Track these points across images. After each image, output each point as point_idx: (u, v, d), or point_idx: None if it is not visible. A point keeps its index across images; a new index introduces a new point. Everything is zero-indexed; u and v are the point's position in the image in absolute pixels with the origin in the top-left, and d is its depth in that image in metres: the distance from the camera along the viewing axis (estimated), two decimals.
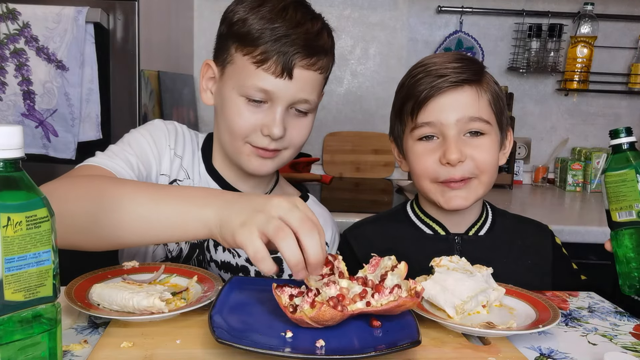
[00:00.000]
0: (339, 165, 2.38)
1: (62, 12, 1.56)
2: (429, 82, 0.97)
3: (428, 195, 1.03)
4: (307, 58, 0.92)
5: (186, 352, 0.67)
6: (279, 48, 0.89)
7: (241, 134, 0.95)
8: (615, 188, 0.84)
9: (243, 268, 1.02)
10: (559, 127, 2.45)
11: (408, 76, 1.03)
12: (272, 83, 0.91)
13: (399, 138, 1.07)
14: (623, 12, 2.35)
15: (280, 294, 0.72)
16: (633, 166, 0.84)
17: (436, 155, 0.98)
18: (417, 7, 2.35)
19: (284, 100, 0.93)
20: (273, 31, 0.90)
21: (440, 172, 0.98)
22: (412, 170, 1.04)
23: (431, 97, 0.96)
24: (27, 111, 1.61)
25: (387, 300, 0.70)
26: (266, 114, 0.93)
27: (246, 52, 0.92)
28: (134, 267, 0.88)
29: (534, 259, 1.07)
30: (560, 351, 0.73)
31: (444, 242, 1.06)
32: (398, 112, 1.05)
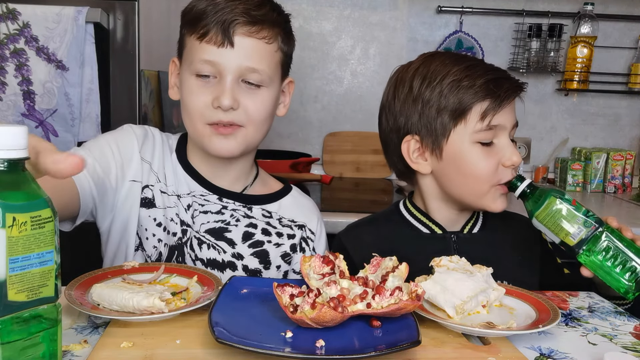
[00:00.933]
0: (339, 165, 2.37)
1: (62, 12, 1.56)
2: (496, 84, 0.98)
3: (480, 199, 1.01)
4: (248, 25, 0.94)
5: (186, 352, 0.67)
6: (218, 18, 0.93)
7: (197, 112, 0.97)
8: (552, 220, 0.89)
9: (230, 263, 1.02)
10: (559, 127, 2.45)
11: (448, 75, 0.99)
12: (215, 53, 0.94)
13: (438, 136, 1.00)
14: (623, 12, 2.35)
15: (281, 294, 0.72)
16: (548, 195, 0.90)
17: (496, 159, 0.98)
18: (417, 7, 2.35)
19: (230, 70, 0.95)
20: (214, 7, 0.94)
21: (502, 174, 0.99)
22: (467, 173, 1.00)
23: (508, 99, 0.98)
24: (27, 111, 1.61)
25: (387, 302, 0.70)
26: (215, 87, 0.95)
27: (192, 31, 0.96)
28: (134, 267, 0.88)
29: (523, 254, 1.09)
30: (560, 351, 0.72)
31: (440, 241, 1.06)
32: (448, 110, 0.98)
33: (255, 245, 1.03)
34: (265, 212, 1.08)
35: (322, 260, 0.80)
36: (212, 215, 1.03)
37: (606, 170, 2.28)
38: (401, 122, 1.04)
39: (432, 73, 1.00)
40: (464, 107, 0.97)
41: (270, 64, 0.98)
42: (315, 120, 2.40)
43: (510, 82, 0.98)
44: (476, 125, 0.97)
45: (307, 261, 0.80)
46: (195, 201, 1.03)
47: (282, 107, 1.09)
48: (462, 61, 1.00)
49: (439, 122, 1.00)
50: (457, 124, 0.98)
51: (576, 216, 0.88)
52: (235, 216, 1.04)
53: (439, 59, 1.02)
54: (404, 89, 1.03)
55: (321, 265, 0.80)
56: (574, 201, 0.90)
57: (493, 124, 0.97)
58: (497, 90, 0.96)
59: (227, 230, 1.03)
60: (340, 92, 2.39)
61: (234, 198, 1.06)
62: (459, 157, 0.99)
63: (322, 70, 2.38)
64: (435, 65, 1.01)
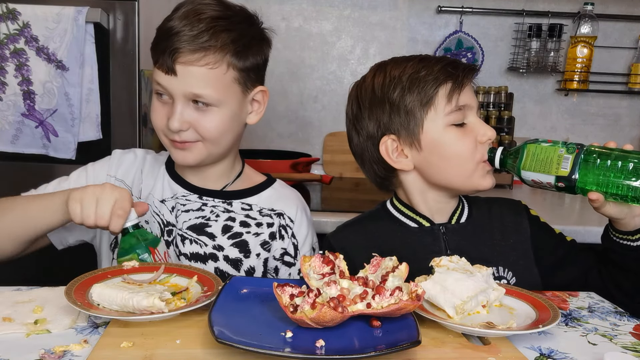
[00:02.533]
0: (339, 165, 2.37)
1: (62, 12, 1.56)
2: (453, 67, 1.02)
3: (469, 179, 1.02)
4: (189, 54, 0.97)
5: (186, 352, 0.67)
6: (164, 47, 0.98)
7: (158, 129, 1.05)
8: (537, 162, 0.90)
9: (211, 255, 1.07)
10: (559, 127, 2.45)
11: (406, 70, 1.04)
12: (164, 79, 1.00)
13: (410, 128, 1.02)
14: (623, 12, 2.35)
15: (281, 294, 0.72)
16: (524, 145, 0.93)
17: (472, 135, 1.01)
18: (417, 7, 2.35)
19: (177, 95, 1.00)
20: (167, 32, 0.98)
21: (482, 150, 1.01)
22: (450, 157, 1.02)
23: (468, 78, 1.03)
24: (27, 111, 1.61)
25: (387, 302, 0.70)
26: (169, 108, 1.01)
27: (152, 53, 1.02)
28: (134, 267, 0.88)
29: (514, 237, 1.09)
30: (560, 351, 0.73)
31: (429, 234, 1.06)
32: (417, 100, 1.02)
33: (235, 237, 1.08)
34: (245, 205, 1.12)
35: (322, 260, 0.80)
36: (193, 213, 1.09)
37: None
38: (373, 128, 1.06)
39: (389, 74, 1.03)
40: (429, 94, 1.01)
41: (217, 87, 1.00)
42: (315, 120, 2.40)
43: (463, 64, 1.03)
44: (445, 108, 1.00)
45: (307, 261, 0.80)
46: (177, 202, 1.10)
47: (254, 115, 1.10)
48: (412, 58, 1.05)
49: (410, 115, 1.02)
50: (428, 112, 1.01)
51: (557, 147, 0.89)
52: (215, 212, 1.10)
53: (390, 63, 1.06)
54: (366, 97, 1.06)
55: (321, 265, 0.80)
56: (549, 140, 0.92)
57: (460, 104, 1.00)
58: (455, 71, 1.01)
59: (208, 225, 1.08)
60: (340, 92, 2.39)
61: (213, 195, 1.12)
62: (438, 143, 1.02)
63: (322, 70, 2.38)
64: (389, 68, 1.05)
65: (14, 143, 1.64)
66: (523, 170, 0.92)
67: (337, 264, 0.80)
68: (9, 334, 0.71)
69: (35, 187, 1.18)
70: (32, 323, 0.74)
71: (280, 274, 1.12)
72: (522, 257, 1.07)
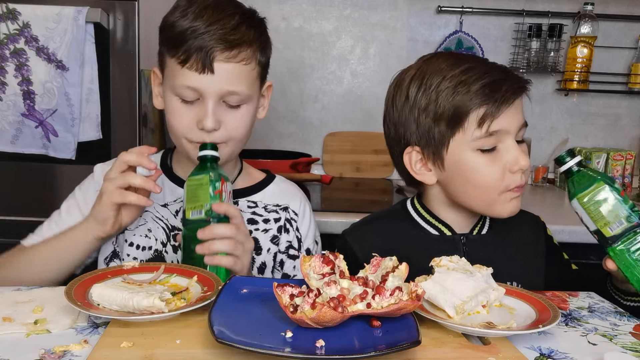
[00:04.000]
0: (339, 165, 2.37)
1: (62, 12, 1.56)
2: (494, 87, 0.94)
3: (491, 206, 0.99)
4: (226, 51, 0.97)
5: (186, 352, 0.67)
6: (197, 45, 0.96)
7: (180, 132, 1.02)
8: (594, 207, 0.83)
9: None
10: (559, 127, 2.45)
11: (445, 81, 0.96)
12: (196, 80, 0.97)
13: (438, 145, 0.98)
14: (623, 12, 2.35)
15: (281, 294, 0.72)
16: (597, 179, 0.83)
17: (501, 164, 0.95)
18: (417, 7, 2.35)
19: (211, 94, 0.98)
20: (193, 32, 0.96)
21: (511, 179, 0.95)
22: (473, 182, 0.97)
23: (507, 103, 0.94)
24: (27, 111, 1.61)
25: (387, 302, 0.70)
26: (199, 110, 0.99)
27: (173, 54, 0.99)
28: (134, 267, 0.88)
29: (529, 253, 1.08)
30: (560, 351, 0.73)
31: (449, 243, 1.04)
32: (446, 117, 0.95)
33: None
34: (250, 202, 1.13)
35: (322, 260, 0.80)
36: None
37: (606, 170, 2.28)
38: (401, 133, 1.02)
39: (427, 79, 0.97)
40: (460, 114, 0.94)
41: (248, 83, 1.02)
42: (315, 120, 2.40)
43: (510, 83, 0.94)
44: (474, 132, 0.94)
45: (307, 261, 0.80)
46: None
47: (262, 111, 1.12)
48: (459, 64, 0.96)
49: (436, 131, 0.97)
50: (455, 133, 0.95)
51: (621, 208, 0.82)
52: None
53: (435, 62, 0.99)
54: (400, 97, 1.01)
55: (321, 265, 0.80)
56: (623, 192, 0.84)
57: (493, 130, 0.93)
58: (494, 94, 0.92)
59: None
60: (340, 92, 2.39)
61: None
62: (461, 167, 0.96)
63: (322, 70, 2.38)
64: (430, 70, 0.98)
65: (14, 143, 1.64)
66: (578, 200, 0.85)
67: (337, 264, 0.80)
68: (9, 334, 0.71)
69: (34, 189, 1.18)
70: (32, 323, 0.74)
71: (285, 267, 1.12)
72: (533, 272, 1.06)
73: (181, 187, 1.10)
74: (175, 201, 1.10)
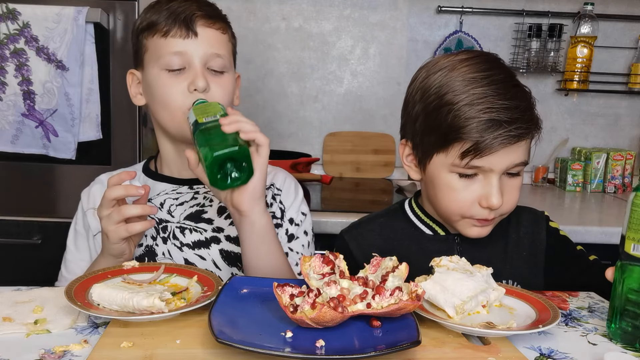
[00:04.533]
0: (339, 165, 2.37)
1: (62, 12, 1.56)
2: (488, 127, 0.89)
3: (451, 223, 1.00)
4: (205, 18, 1.05)
5: (186, 352, 0.67)
6: (179, 15, 1.03)
7: (174, 102, 1.03)
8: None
9: (213, 238, 1.08)
10: (559, 127, 2.45)
11: (452, 95, 0.92)
12: (181, 44, 1.03)
13: (425, 153, 0.98)
14: (623, 12, 2.35)
15: (281, 294, 0.72)
16: None
17: (475, 194, 0.93)
18: (417, 7, 2.35)
19: (197, 57, 1.03)
20: (169, 9, 1.04)
21: (476, 211, 0.94)
22: (440, 199, 0.98)
23: (493, 150, 0.90)
24: (27, 111, 1.61)
25: (387, 302, 0.70)
26: (187, 75, 1.03)
27: (154, 32, 1.04)
28: (134, 267, 0.88)
29: (528, 249, 1.06)
30: (560, 351, 0.73)
31: (443, 243, 1.05)
32: (437, 133, 0.94)
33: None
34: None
35: (322, 260, 0.80)
36: (187, 204, 1.10)
37: (606, 170, 2.28)
38: (402, 122, 1.04)
39: (445, 86, 0.94)
40: (448, 138, 0.92)
41: (227, 51, 1.09)
42: (315, 120, 2.40)
43: (510, 129, 0.89)
44: (455, 160, 0.92)
45: (307, 261, 0.80)
46: (168, 197, 1.11)
47: (235, 99, 1.15)
48: (480, 84, 0.91)
49: (426, 140, 0.97)
50: (440, 151, 0.94)
51: None
52: (208, 197, 1.11)
53: (462, 69, 0.94)
54: (418, 90, 0.99)
55: (321, 265, 0.80)
56: None
57: (474, 165, 0.91)
58: (484, 135, 0.89)
59: (204, 212, 1.09)
60: (340, 92, 2.39)
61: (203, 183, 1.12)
62: (437, 180, 0.97)
63: (322, 70, 2.38)
64: (453, 77, 0.94)
65: (14, 143, 1.64)
66: (636, 194, 0.73)
67: (337, 264, 0.80)
68: (9, 334, 0.71)
69: (34, 189, 1.18)
70: (32, 323, 0.74)
71: None
72: (532, 270, 1.05)
73: (166, 181, 1.12)
74: (159, 194, 1.11)
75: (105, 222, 0.94)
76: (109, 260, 0.97)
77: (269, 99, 2.36)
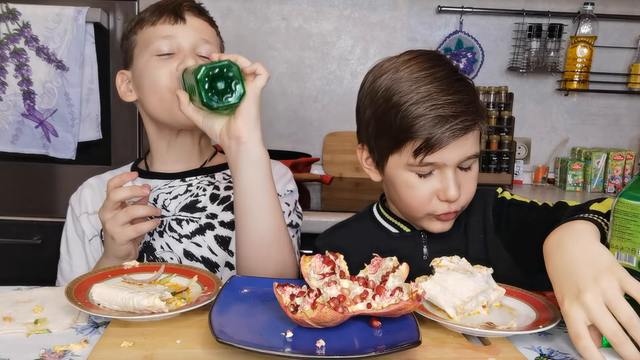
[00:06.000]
0: (339, 165, 2.38)
1: (62, 12, 1.56)
2: (436, 123, 0.91)
3: (415, 221, 1.02)
4: (193, 9, 1.09)
5: (186, 352, 0.67)
6: (167, 6, 1.07)
7: (163, 84, 1.03)
8: (624, 221, 0.69)
9: (208, 225, 1.07)
10: (559, 127, 2.45)
11: (399, 96, 0.93)
12: (170, 29, 1.06)
13: (381, 155, 0.99)
14: (623, 12, 2.35)
15: (281, 294, 0.72)
16: None
17: (432, 189, 0.95)
18: (417, 7, 2.35)
19: (186, 41, 1.05)
20: (157, 4, 1.09)
21: (437, 206, 0.96)
22: (400, 198, 0.99)
23: (443, 144, 0.91)
24: (27, 111, 1.61)
25: (388, 302, 0.70)
26: (176, 58, 1.04)
27: (143, 25, 1.08)
28: (134, 267, 0.88)
29: (482, 231, 1.04)
30: (560, 352, 0.73)
31: (410, 240, 1.05)
32: (389, 135, 0.95)
33: (224, 201, 1.10)
34: (226, 175, 1.15)
35: (322, 260, 0.80)
36: (181, 197, 1.11)
37: (606, 170, 2.28)
38: (357, 127, 1.04)
39: (392, 87, 0.95)
40: (400, 139, 0.94)
41: (216, 43, 1.11)
42: (315, 120, 2.40)
43: (456, 122, 0.91)
44: (409, 159, 0.94)
45: (307, 261, 0.80)
46: (161, 192, 1.11)
47: None
48: (424, 83, 0.93)
49: (379, 143, 0.98)
50: (394, 152, 0.96)
51: None
52: (201, 187, 1.12)
53: (408, 70, 0.96)
54: (362, 96, 1.01)
55: (322, 265, 0.80)
56: None
57: (428, 162, 0.93)
58: (433, 132, 0.91)
59: (198, 202, 1.10)
60: (340, 92, 2.39)
61: (195, 174, 1.14)
62: (395, 179, 0.98)
63: (322, 70, 2.38)
64: (399, 78, 0.95)
65: (14, 143, 1.64)
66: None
67: (337, 264, 0.80)
68: (9, 334, 0.71)
69: (34, 189, 1.18)
70: (33, 323, 0.74)
71: None
72: (491, 249, 1.03)
73: (156, 177, 1.12)
74: (152, 191, 1.09)
75: (111, 225, 0.93)
76: (114, 262, 0.97)
77: (269, 99, 2.36)
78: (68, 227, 1.15)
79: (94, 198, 1.14)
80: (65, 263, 1.13)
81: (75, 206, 1.14)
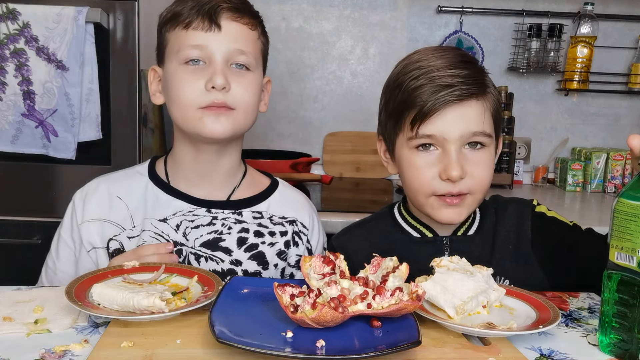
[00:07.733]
0: (339, 165, 2.37)
1: (62, 12, 1.56)
2: (432, 92, 0.91)
3: (422, 208, 1.00)
4: (231, 11, 0.98)
5: (186, 352, 0.67)
6: (201, 7, 0.96)
7: (189, 99, 0.97)
8: (624, 221, 0.68)
9: (230, 271, 1.03)
10: (559, 127, 2.45)
11: (404, 76, 0.95)
12: (202, 38, 0.96)
13: (391, 139, 1.01)
14: (623, 12, 2.35)
15: (282, 294, 0.72)
16: None
17: (435, 168, 0.94)
18: (417, 7, 2.35)
19: (219, 52, 0.97)
20: (194, 0, 0.98)
21: (438, 186, 0.94)
22: (406, 181, 0.99)
23: (436, 110, 0.91)
24: (27, 111, 1.61)
25: (388, 303, 0.70)
26: (206, 71, 0.97)
27: (176, 24, 0.98)
28: (134, 267, 0.88)
29: (514, 243, 1.03)
30: (560, 352, 0.73)
31: (431, 245, 1.03)
32: (393, 114, 0.97)
33: (251, 249, 1.04)
34: (255, 213, 1.08)
35: (322, 260, 0.80)
36: (204, 228, 1.04)
37: (606, 170, 2.28)
38: (379, 119, 1.05)
39: (397, 71, 0.98)
40: (400, 113, 0.94)
41: (255, 49, 1.01)
42: (315, 120, 2.40)
43: (450, 90, 0.90)
44: (408, 133, 0.94)
45: (307, 261, 0.81)
46: (185, 219, 1.04)
47: (263, 105, 1.09)
48: (428, 61, 0.94)
49: (388, 126, 0.99)
50: (398, 131, 0.96)
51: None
52: (227, 224, 1.05)
53: (417, 54, 0.97)
54: (386, 85, 1.02)
55: (322, 265, 0.80)
56: None
57: (425, 134, 0.92)
58: (427, 99, 0.90)
59: (222, 240, 1.04)
60: (340, 92, 2.39)
61: (221, 207, 1.06)
62: (402, 162, 0.98)
63: (322, 70, 2.38)
64: (407, 62, 0.97)
65: (14, 143, 1.63)
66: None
67: (337, 264, 0.80)
68: (9, 334, 0.71)
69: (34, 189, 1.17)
70: (33, 323, 0.74)
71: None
72: (521, 262, 1.02)
73: (182, 199, 1.05)
74: (175, 215, 1.04)
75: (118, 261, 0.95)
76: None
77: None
78: (64, 227, 1.08)
79: (100, 204, 1.06)
80: (52, 262, 1.09)
81: (78, 209, 1.06)
